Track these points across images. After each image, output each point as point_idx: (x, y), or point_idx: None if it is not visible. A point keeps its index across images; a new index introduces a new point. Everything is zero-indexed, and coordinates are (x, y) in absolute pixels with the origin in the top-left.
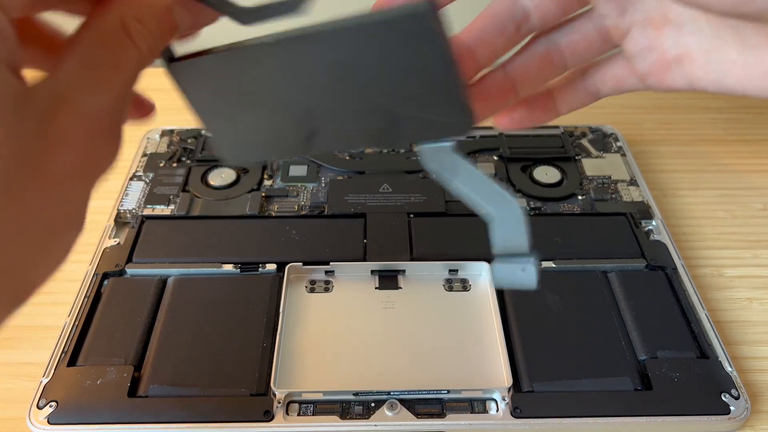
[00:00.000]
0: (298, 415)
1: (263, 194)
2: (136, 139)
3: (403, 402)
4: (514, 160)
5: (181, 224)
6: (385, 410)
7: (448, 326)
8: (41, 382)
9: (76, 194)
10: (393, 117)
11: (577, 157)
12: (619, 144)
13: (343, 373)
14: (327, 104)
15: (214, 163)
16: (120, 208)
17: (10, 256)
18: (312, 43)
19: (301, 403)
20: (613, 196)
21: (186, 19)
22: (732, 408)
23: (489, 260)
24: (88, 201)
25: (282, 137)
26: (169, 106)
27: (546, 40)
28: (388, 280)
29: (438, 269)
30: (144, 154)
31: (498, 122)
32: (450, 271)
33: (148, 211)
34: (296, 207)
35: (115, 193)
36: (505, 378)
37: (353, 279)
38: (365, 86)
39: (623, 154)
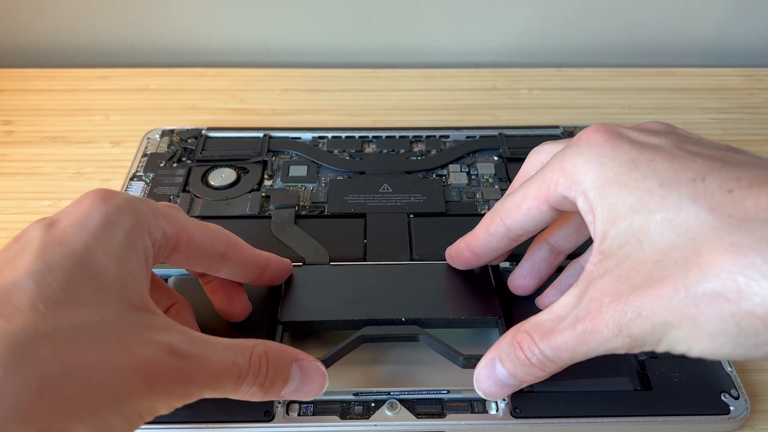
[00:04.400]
0: (298, 415)
1: (263, 194)
2: (136, 139)
3: (403, 402)
4: (514, 160)
5: None
6: (385, 410)
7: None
8: None
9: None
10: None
11: None
12: None
13: (343, 372)
14: (384, 291)
15: (214, 163)
16: None
17: None
18: (403, 269)
19: (301, 403)
20: None
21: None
22: (732, 408)
23: None
24: None
25: (338, 307)
26: (169, 106)
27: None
28: None
29: None
30: (144, 154)
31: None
32: None
33: None
34: (296, 207)
35: None
36: None
37: None
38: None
39: None
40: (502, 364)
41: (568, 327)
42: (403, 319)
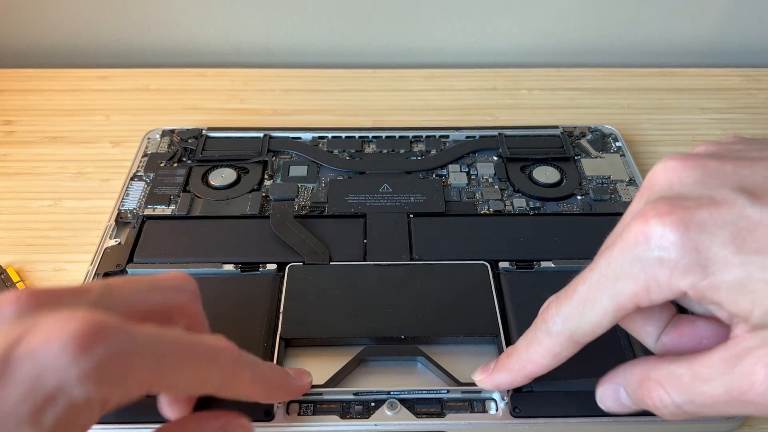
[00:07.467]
0: (299, 414)
1: (263, 194)
2: (137, 139)
3: (403, 402)
4: (513, 160)
5: (181, 224)
6: (385, 410)
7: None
8: None
9: None
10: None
11: (576, 157)
12: (618, 144)
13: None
14: (383, 302)
15: (214, 163)
16: (121, 208)
17: None
18: (406, 269)
19: (301, 402)
20: (613, 196)
21: None
22: None
23: (489, 261)
24: None
25: (337, 321)
26: (169, 106)
27: None
28: None
29: None
30: (144, 154)
31: None
32: None
33: (148, 211)
34: (296, 207)
35: (115, 193)
36: None
37: None
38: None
39: (622, 155)
40: (628, 396)
41: (721, 393)
42: (403, 337)
